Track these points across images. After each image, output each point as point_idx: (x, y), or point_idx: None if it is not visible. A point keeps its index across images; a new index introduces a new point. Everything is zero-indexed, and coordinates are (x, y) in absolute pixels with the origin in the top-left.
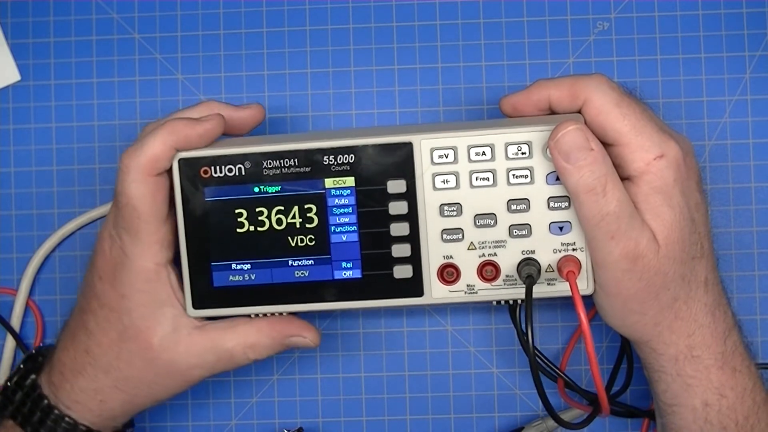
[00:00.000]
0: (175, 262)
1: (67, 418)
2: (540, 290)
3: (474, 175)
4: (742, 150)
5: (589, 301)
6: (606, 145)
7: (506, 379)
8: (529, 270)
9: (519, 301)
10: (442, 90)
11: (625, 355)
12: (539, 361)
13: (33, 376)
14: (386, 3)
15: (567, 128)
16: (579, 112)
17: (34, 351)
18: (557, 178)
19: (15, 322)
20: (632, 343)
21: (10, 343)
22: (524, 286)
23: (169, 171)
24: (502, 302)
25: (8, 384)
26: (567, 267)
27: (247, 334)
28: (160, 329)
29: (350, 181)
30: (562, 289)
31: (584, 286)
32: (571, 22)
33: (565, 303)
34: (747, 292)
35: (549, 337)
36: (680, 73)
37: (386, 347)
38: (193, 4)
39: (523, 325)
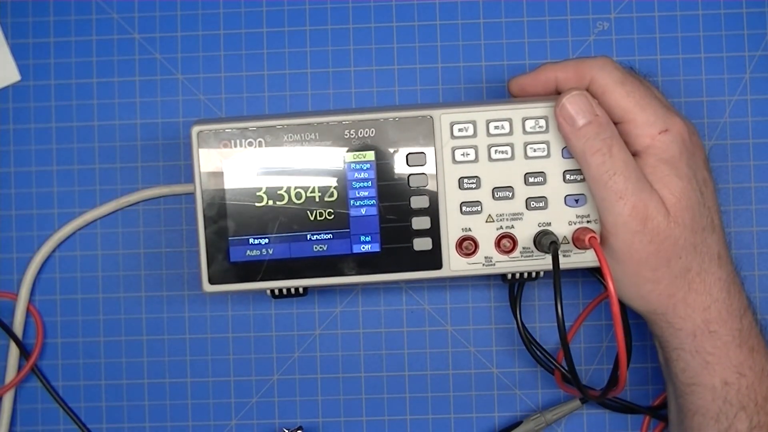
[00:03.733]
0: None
1: None
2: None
3: (492, 149)
4: (742, 150)
5: (599, 288)
6: (613, 123)
7: (506, 379)
8: (551, 237)
9: (531, 274)
10: (442, 90)
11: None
12: (538, 353)
13: None
14: (386, 3)
15: (570, 93)
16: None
17: None
18: None
19: (17, 328)
20: (649, 320)
21: (14, 349)
22: (541, 257)
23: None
24: (517, 275)
25: None
26: (587, 234)
27: None
28: None
29: (370, 155)
30: (576, 260)
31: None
32: (571, 22)
33: (565, 303)
34: (747, 292)
35: (547, 332)
36: (680, 73)
37: (386, 347)
38: (193, 4)
39: (523, 318)
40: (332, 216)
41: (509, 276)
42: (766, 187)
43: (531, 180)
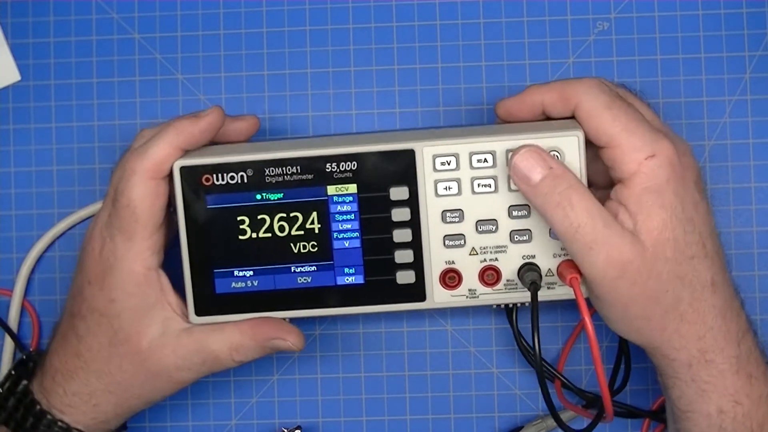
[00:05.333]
0: (164, 266)
1: (60, 423)
2: (541, 294)
3: (476, 182)
4: (742, 150)
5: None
6: (599, 147)
7: (506, 379)
8: (532, 276)
9: (518, 304)
10: (442, 90)
11: (623, 356)
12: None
13: (25, 382)
14: (386, 3)
15: (520, 152)
16: (573, 116)
17: (24, 356)
18: None
19: (12, 323)
20: (645, 350)
21: (9, 344)
22: (525, 290)
23: (170, 176)
24: (502, 306)
25: (0, 390)
26: (569, 272)
27: (232, 335)
28: (149, 332)
29: (352, 188)
30: (562, 292)
31: (584, 290)
32: (571, 22)
33: (565, 304)
34: (747, 292)
35: (548, 337)
36: (680, 73)
37: (386, 347)
38: (193, 4)
39: (520, 324)
40: (316, 248)
41: (494, 306)
42: (766, 187)
43: (515, 213)
